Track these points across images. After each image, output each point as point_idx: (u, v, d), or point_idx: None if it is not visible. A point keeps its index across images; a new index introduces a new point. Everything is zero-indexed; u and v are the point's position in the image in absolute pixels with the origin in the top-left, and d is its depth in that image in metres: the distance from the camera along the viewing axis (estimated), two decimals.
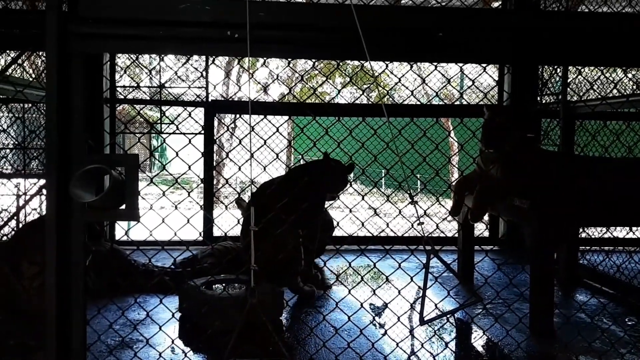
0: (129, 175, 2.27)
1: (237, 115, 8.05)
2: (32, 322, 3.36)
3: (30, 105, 4.94)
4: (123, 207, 2.28)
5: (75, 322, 2.30)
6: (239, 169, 2.68)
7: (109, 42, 2.27)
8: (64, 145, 2.22)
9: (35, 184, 4.92)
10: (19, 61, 4.74)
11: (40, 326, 2.23)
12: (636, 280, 4.61)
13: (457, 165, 11.24)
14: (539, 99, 6.37)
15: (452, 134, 11.78)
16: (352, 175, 4.67)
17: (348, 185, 4.78)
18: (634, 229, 5.50)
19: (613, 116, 5.33)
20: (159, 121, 6.56)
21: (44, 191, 4.20)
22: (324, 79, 12.09)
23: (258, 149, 2.82)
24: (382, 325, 3.93)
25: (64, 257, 2.25)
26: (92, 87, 6.09)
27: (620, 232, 6.02)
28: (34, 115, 5.18)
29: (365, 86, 10.70)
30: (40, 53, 4.69)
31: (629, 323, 4.07)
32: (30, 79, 4.83)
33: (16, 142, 5.16)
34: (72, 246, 2.27)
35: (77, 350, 2.31)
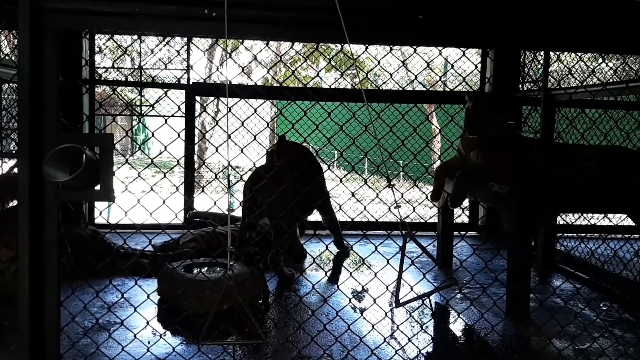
0: (103, 156, 2.25)
1: (218, 98, 7.99)
2: (8, 304, 3.33)
3: (5, 83, 4.84)
4: (98, 187, 2.26)
5: (49, 302, 2.28)
6: (216, 150, 2.66)
7: (83, 18, 2.23)
8: (37, 124, 2.18)
9: (9, 164, 4.84)
10: None
11: (16, 307, 2.21)
12: (610, 265, 4.69)
13: (438, 151, 11.29)
14: (520, 85, 6.41)
15: (435, 120, 11.81)
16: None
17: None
18: (608, 215, 5.58)
19: (591, 103, 5.37)
20: (136, 102, 6.49)
21: (16, 170, 4.14)
22: (308, 63, 12.03)
23: (235, 130, 2.80)
24: (359, 308, 3.96)
25: (38, 236, 2.22)
26: (71, 67, 5.99)
27: (596, 219, 6.10)
28: (10, 96, 5.09)
29: (347, 70, 10.67)
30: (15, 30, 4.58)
31: (603, 307, 4.14)
32: (2, 56, 4.73)
33: None
34: (46, 226, 2.25)
35: (51, 331, 2.29)
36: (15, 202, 4.23)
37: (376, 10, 2.31)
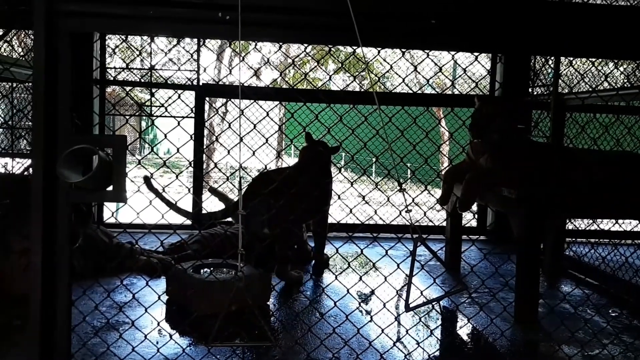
0: (116, 157, 2.26)
1: (228, 100, 8.01)
2: (17, 303, 3.35)
3: (18, 83, 4.88)
4: (110, 188, 2.27)
5: (60, 302, 2.29)
6: (228, 152, 2.67)
7: (97, 20, 2.24)
8: (51, 124, 2.20)
9: (21, 163, 4.88)
10: (7, 38, 4.68)
11: (25, 306, 2.22)
12: (620, 272, 4.66)
13: (447, 155, 11.28)
14: (530, 90, 6.39)
15: (443, 123, 11.80)
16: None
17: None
18: (619, 221, 5.55)
19: (603, 109, 5.34)
20: (148, 102, 6.52)
21: (30, 170, 4.17)
22: (319, 66, 12.04)
23: (247, 133, 2.80)
24: (368, 312, 3.96)
25: (50, 237, 2.24)
26: (82, 67, 6.03)
27: (606, 225, 6.07)
28: (22, 95, 5.13)
29: (357, 73, 10.68)
30: (29, 31, 4.63)
31: (612, 314, 4.12)
32: (18, 57, 4.77)
33: (3, 121, 5.10)
34: (58, 226, 2.26)
35: (62, 330, 2.30)
36: None
37: (389, 14, 2.31)
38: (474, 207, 6.18)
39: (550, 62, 5.98)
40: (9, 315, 3.42)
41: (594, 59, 5.24)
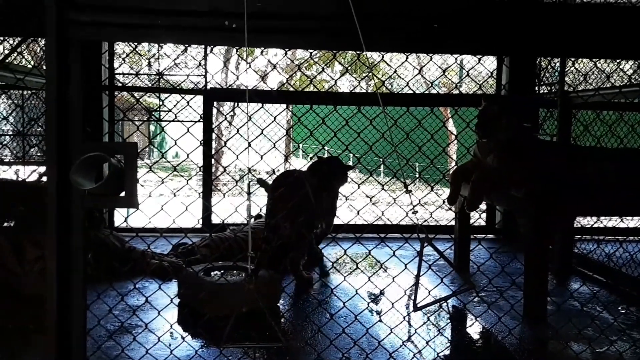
0: (127, 163, 2.31)
1: (236, 104, 8.06)
2: (32, 306, 3.40)
3: (29, 92, 4.96)
4: (122, 194, 2.33)
5: (76, 306, 2.34)
6: (237, 157, 2.71)
7: (107, 30, 2.29)
8: (64, 132, 2.25)
9: (34, 171, 4.95)
10: (19, 49, 4.76)
11: (41, 309, 2.27)
12: (629, 269, 4.66)
13: (454, 156, 11.27)
14: (536, 89, 6.40)
15: (451, 124, 11.80)
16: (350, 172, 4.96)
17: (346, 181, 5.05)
18: (624, 218, 5.55)
19: (609, 106, 5.35)
20: (157, 108, 6.59)
21: (44, 178, 4.24)
22: (323, 67, 12.07)
23: (256, 137, 2.85)
24: (377, 312, 3.99)
25: (65, 242, 2.29)
26: (91, 74, 6.10)
27: (613, 222, 6.08)
28: (33, 103, 5.21)
29: (363, 75, 10.71)
30: (40, 40, 4.70)
31: (621, 311, 4.13)
32: (30, 67, 4.85)
33: (16, 130, 5.19)
34: (73, 232, 2.31)
35: (78, 334, 2.36)
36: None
37: (392, 19, 2.35)
38: (482, 206, 6.20)
39: (555, 61, 5.99)
40: (24, 318, 3.47)
41: (596, 59, 5.25)
